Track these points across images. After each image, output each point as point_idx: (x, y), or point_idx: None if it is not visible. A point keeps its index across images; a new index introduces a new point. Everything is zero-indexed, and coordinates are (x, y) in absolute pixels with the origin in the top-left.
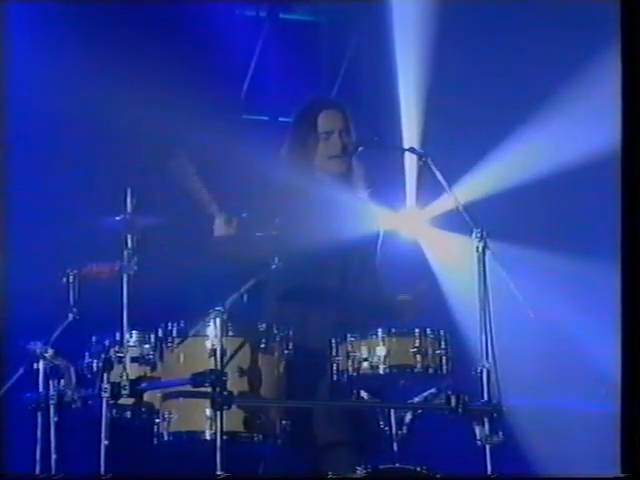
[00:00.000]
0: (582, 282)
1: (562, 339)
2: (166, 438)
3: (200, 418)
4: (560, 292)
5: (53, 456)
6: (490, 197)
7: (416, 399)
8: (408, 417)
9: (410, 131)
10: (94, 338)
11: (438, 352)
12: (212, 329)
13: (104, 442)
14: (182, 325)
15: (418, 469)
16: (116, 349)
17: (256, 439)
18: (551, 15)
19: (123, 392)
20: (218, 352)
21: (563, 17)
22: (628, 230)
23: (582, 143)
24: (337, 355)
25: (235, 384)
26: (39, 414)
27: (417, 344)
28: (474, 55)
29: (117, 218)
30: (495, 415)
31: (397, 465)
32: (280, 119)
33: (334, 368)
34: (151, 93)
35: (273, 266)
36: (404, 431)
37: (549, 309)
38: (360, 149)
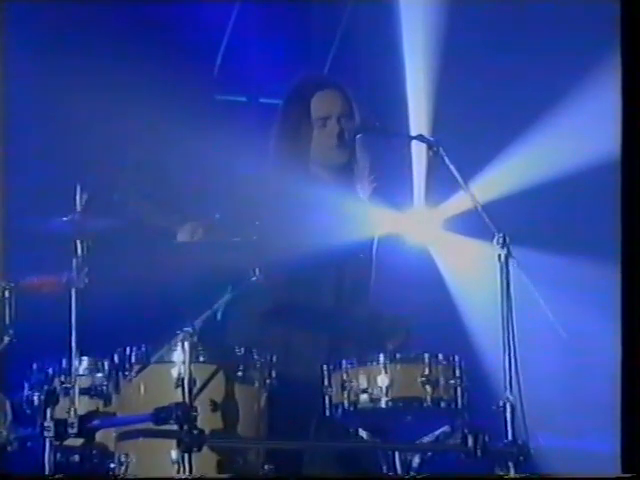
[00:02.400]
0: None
1: (598, 364)
2: None
3: (164, 462)
4: (590, 308)
5: None
6: (507, 197)
7: (426, 439)
8: (416, 460)
9: (418, 117)
10: (35, 366)
11: (452, 382)
12: (179, 354)
13: None
14: (142, 349)
15: None
16: (62, 379)
17: None
18: (555, 18)
19: (70, 431)
20: (186, 382)
21: (566, 20)
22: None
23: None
24: (330, 386)
25: (207, 420)
26: None
27: (427, 372)
28: (485, 38)
29: (64, 219)
30: (521, 458)
31: None
32: (261, 100)
33: (327, 401)
34: (106, 69)
35: (253, 278)
36: (411, 477)
37: (581, 329)
38: (358, 136)
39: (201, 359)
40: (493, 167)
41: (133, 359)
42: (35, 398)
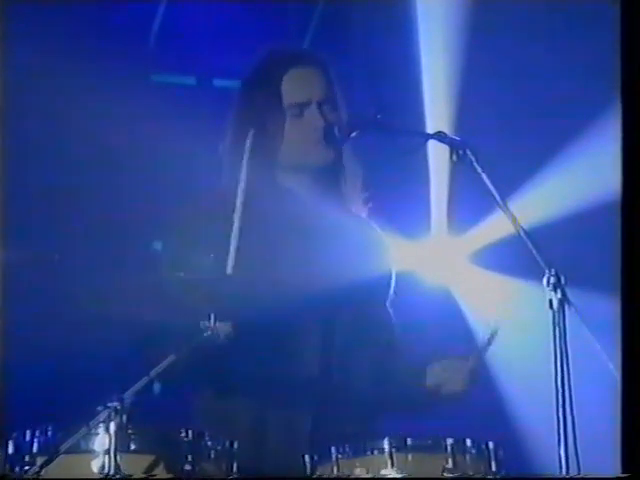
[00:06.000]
0: None
1: (598, 365)
2: None
3: None
4: None
5: None
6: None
7: None
8: None
9: (435, 111)
10: None
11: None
12: (102, 440)
13: None
14: (49, 434)
15: None
16: None
17: None
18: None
19: None
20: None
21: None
22: None
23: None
24: None
25: None
26: None
27: (450, 465)
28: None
29: None
30: None
31: None
32: (215, 82)
33: None
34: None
35: (206, 333)
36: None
37: None
38: (353, 135)
39: (133, 447)
40: (530, 185)
41: (36, 448)
42: None
